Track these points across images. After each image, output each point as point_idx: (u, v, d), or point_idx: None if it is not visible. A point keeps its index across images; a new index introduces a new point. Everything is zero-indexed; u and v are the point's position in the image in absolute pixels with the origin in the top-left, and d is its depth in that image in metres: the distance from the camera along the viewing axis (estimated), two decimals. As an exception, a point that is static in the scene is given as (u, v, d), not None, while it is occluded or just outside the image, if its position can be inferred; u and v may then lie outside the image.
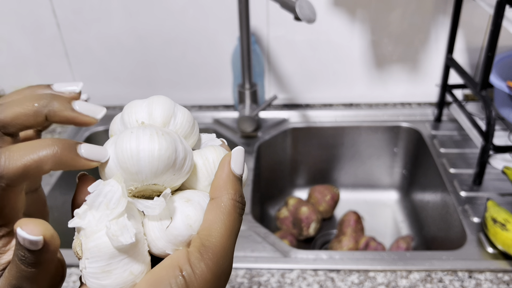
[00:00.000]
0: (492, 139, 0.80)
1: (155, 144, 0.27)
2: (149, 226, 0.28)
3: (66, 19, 1.05)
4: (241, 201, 0.29)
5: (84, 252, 0.27)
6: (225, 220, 0.27)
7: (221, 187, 0.28)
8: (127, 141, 0.27)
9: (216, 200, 0.28)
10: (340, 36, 1.04)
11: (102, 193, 0.26)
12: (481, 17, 0.99)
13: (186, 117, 0.31)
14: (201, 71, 1.10)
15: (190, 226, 0.28)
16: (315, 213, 0.99)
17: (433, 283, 0.68)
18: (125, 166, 0.27)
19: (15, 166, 0.25)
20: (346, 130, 1.08)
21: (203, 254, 0.27)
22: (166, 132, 0.28)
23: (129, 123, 0.30)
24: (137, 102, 0.31)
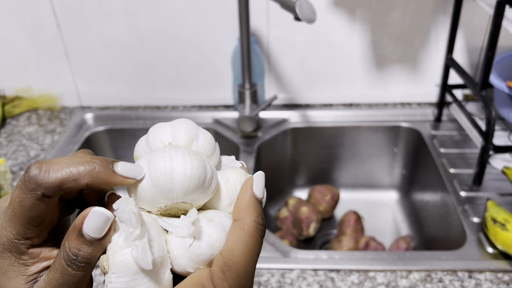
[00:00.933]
0: (492, 139, 0.80)
1: (187, 163, 0.28)
2: (172, 244, 0.29)
3: (66, 19, 1.05)
4: (263, 223, 0.29)
5: (111, 267, 0.28)
6: (248, 241, 0.28)
7: (244, 210, 0.29)
8: (161, 160, 0.28)
9: (239, 222, 0.29)
10: (340, 36, 1.04)
11: (126, 210, 0.27)
12: (481, 17, 0.99)
13: (208, 140, 0.32)
14: (201, 71, 1.10)
15: (212, 245, 0.28)
16: (315, 213, 0.99)
17: (433, 283, 0.68)
18: (158, 184, 0.28)
19: (53, 177, 0.26)
20: (346, 130, 1.08)
21: (226, 274, 0.27)
22: (195, 152, 0.29)
23: (154, 144, 0.31)
24: (162, 124, 0.33)
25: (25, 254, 0.28)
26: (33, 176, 0.26)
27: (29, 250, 0.28)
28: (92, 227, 0.26)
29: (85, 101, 1.17)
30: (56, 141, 1.04)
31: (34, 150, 1.02)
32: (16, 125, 1.11)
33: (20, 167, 0.97)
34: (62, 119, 1.13)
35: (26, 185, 0.26)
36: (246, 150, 1.00)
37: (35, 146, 1.03)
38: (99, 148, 1.11)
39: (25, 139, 1.06)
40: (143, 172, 0.28)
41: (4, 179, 0.90)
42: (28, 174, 0.26)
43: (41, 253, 0.28)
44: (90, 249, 0.26)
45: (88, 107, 1.17)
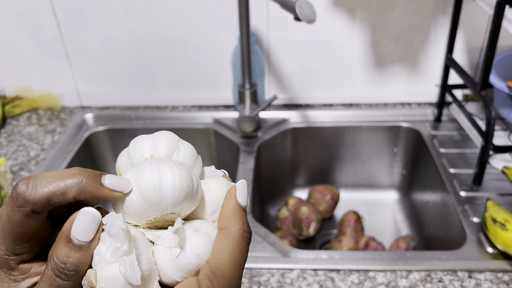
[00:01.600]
0: (492, 139, 0.81)
1: (176, 174, 0.28)
2: (159, 255, 0.29)
3: (66, 19, 1.05)
4: (248, 230, 0.30)
5: (99, 281, 0.28)
6: (234, 249, 0.29)
7: (229, 218, 0.29)
8: (149, 173, 0.28)
9: (225, 230, 0.29)
10: (340, 36, 1.04)
11: (115, 225, 0.27)
12: (481, 17, 0.99)
13: (189, 151, 0.32)
14: (201, 71, 1.10)
15: (199, 255, 0.29)
16: (315, 213, 0.99)
17: (433, 283, 0.69)
18: (148, 197, 0.28)
19: (41, 192, 0.26)
20: (346, 130, 1.08)
21: (213, 282, 0.27)
22: (181, 163, 0.30)
23: (135, 155, 0.32)
24: (143, 136, 0.33)
25: (15, 270, 0.28)
26: (21, 192, 0.26)
27: (19, 265, 0.28)
28: (81, 229, 0.26)
29: (85, 101, 1.17)
30: (56, 141, 1.04)
31: (34, 150, 1.02)
32: (16, 125, 1.11)
33: (20, 167, 0.97)
34: (62, 119, 1.13)
35: (14, 202, 0.26)
36: (246, 150, 1.00)
37: (35, 146, 1.03)
38: (99, 148, 1.11)
39: (25, 139, 1.06)
40: (131, 185, 0.28)
41: (4, 179, 0.90)
42: (16, 190, 0.26)
43: (31, 268, 0.29)
44: (79, 255, 0.26)
45: (88, 107, 1.17)
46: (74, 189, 0.27)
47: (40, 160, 0.98)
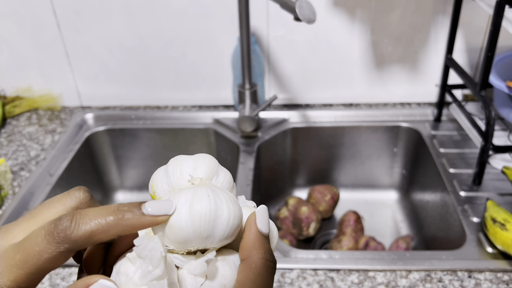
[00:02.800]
0: (491, 139, 0.81)
1: (231, 212, 0.27)
2: (183, 282, 0.27)
3: (66, 19, 1.05)
4: (272, 260, 0.28)
5: None
6: (257, 281, 0.27)
7: (250, 247, 0.28)
8: (206, 205, 0.27)
9: (246, 261, 0.28)
10: (340, 36, 1.04)
11: (147, 247, 0.25)
12: (480, 17, 0.99)
13: (227, 178, 0.31)
14: (201, 71, 1.11)
15: (224, 286, 0.27)
16: (315, 213, 0.99)
17: (432, 283, 0.69)
18: (199, 230, 0.27)
19: (83, 230, 0.25)
20: (346, 130, 1.08)
21: None
22: (235, 200, 0.29)
23: (173, 175, 0.31)
24: (183, 157, 0.32)
25: None
26: (64, 228, 0.25)
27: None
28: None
29: (85, 101, 1.17)
30: (57, 141, 1.04)
31: (34, 150, 1.02)
32: (17, 125, 1.11)
33: (20, 167, 0.97)
34: (63, 119, 1.13)
35: (54, 237, 0.25)
36: (246, 150, 1.00)
37: (35, 146, 1.03)
38: (99, 148, 1.11)
39: (26, 139, 1.06)
40: (174, 205, 0.27)
41: (5, 179, 0.90)
42: (58, 226, 0.25)
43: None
44: None
45: (88, 107, 1.17)
46: (117, 226, 0.26)
47: (40, 160, 0.98)
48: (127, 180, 1.17)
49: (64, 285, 0.70)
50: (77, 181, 1.01)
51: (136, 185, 1.17)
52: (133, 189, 1.17)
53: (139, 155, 1.13)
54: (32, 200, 0.88)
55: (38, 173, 0.94)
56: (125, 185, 1.17)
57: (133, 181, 1.17)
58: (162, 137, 1.10)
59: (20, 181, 0.93)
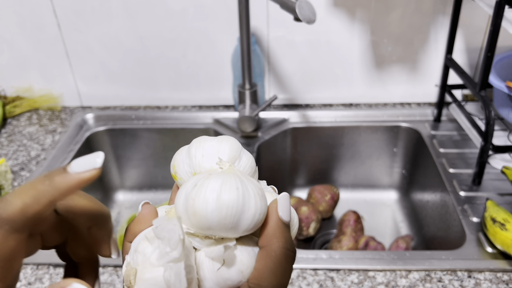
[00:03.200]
0: (491, 139, 0.81)
1: (257, 208, 0.27)
2: (201, 265, 0.27)
3: (66, 19, 1.05)
4: (292, 249, 0.28)
5: (137, 282, 0.26)
6: (275, 270, 0.27)
7: (271, 236, 0.28)
8: (235, 197, 0.26)
9: (266, 249, 0.27)
10: (340, 36, 1.04)
11: (166, 229, 0.25)
12: (480, 18, 0.99)
13: (250, 162, 0.31)
14: (201, 71, 1.11)
15: (242, 272, 0.27)
16: (315, 213, 0.99)
17: (432, 283, 0.69)
18: (224, 222, 0.26)
19: (14, 205, 0.24)
20: (346, 130, 1.08)
21: None
22: (263, 194, 0.28)
23: (195, 157, 0.30)
24: (206, 138, 0.31)
25: None
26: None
27: None
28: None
29: (86, 101, 1.17)
30: (57, 141, 1.04)
31: (34, 150, 1.02)
32: (17, 125, 1.11)
33: (20, 167, 0.97)
34: (63, 119, 1.13)
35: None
36: (246, 150, 1.00)
37: (35, 146, 1.03)
38: (99, 148, 1.11)
39: (26, 139, 1.06)
40: (99, 161, 0.26)
41: (5, 179, 0.90)
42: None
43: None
44: None
45: (89, 107, 1.17)
46: (47, 193, 0.25)
47: (40, 160, 0.99)
48: (127, 180, 1.17)
49: (65, 285, 0.70)
50: (77, 181, 1.01)
51: (136, 185, 1.17)
52: (133, 189, 1.17)
53: (139, 155, 1.13)
54: (33, 200, 0.88)
55: (39, 173, 0.94)
56: (125, 185, 1.17)
57: (133, 181, 1.17)
58: (162, 137, 1.10)
59: (21, 181, 0.93)
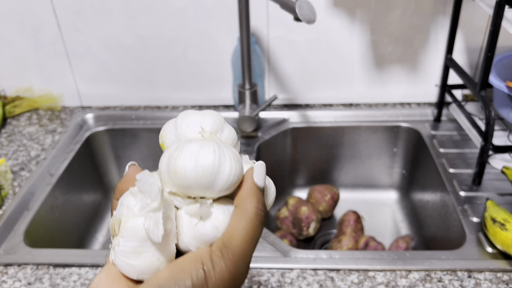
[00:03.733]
0: (491, 139, 0.81)
1: (232, 170, 0.30)
2: (180, 221, 0.31)
3: (66, 19, 1.05)
4: (263, 210, 0.31)
5: (121, 231, 0.29)
6: (247, 226, 0.30)
7: (244, 196, 0.31)
8: (211, 158, 0.30)
9: (239, 207, 0.31)
10: (340, 36, 1.04)
11: (148, 182, 0.29)
12: (480, 18, 0.99)
13: (231, 135, 0.34)
14: (201, 71, 1.11)
15: (217, 228, 0.30)
16: (315, 213, 0.99)
17: (432, 283, 0.69)
18: (201, 181, 0.30)
19: None
20: (346, 130, 1.08)
21: (224, 254, 0.29)
22: (238, 159, 0.31)
23: (181, 127, 0.33)
24: (192, 111, 0.34)
25: None
26: None
27: None
28: None
29: (86, 101, 1.17)
30: (57, 141, 1.04)
31: (34, 150, 1.02)
32: (17, 125, 1.11)
33: (20, 167, 0.97)
34: (63, 119, 1.13)
35: None
36: (246, 150, 1.00)
37: (35, 146, 1.03)
38: (99, 148, 1.11)
39: (26, 139, 1.06)
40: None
41: (5, 179, 0.90)
42: None
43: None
44: None
45: (89, 107, 1.17)
46: None
47: (40, 160, 0.99)
48: (127, 180, 1.16)
49: (65, 285, 0.70)
50: (77, 181, 1.01)
51: (136, 185, 1.17)
52: (133, 189, 1.17)
53: (139, 155, 1.13)
54: (32, 200, 0.88)
55: (39, 173, 0.94)
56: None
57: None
58: (162, 137, 1.10)
59: (21, 181, 0.93)
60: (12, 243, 0.79)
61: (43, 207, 0.88)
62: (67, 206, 0.96)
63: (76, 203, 1.00)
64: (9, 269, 0.74)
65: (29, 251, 0.77)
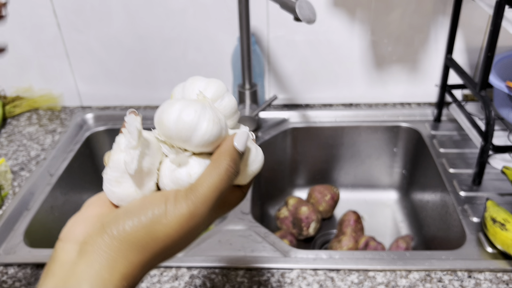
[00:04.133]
0: (491, 139, 0.81)
1: (208, 129, 0.34)
2: (163, 165, 0.36)
3: (66, 19, 1.05)
4: (234, 168, 0.35)
5: (109, 162, 0.35)
6: (215, 178, 0.34)
7: (220, 154, 0.35)
8: (192, 115, 0.34)
9: (213, 162, 0.35)
10: (340, 36, 1.04)
11: (133, 124, 0.33)
12: (480, 18, 0.99)
13: (231, 104, 0.39)
14: (201, 71, 1.11)
15: (190, 175, 0.35)
16: (315, 213, 0.99)
17: (432, 283, 0.69)
18: (180, 134, 0.34)
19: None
20: (346, 130, 1.08)
21: (188, 195, 0.34)
22: (219, 122, 0.35)
23: (187, 89, 0.39)
24: (200, 77, 0.39)
25: None
26: None
27: None
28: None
29: (86, 101, 1.17)
30: (57, 141, 1.04)
31: (34, 150, 1.02)
32: (17, 125, 1.11)
33: (20, 167, 0.97)
34: (63, 119, 1.13)
35: None
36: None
37: (35, 146, 1.03)
38: (99, 148, 1.11)
39: (26, 139, 1.06)
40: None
41: (5, 179, 0.90)
42: None
43: None
44: None
45: (89, 107, 1.17)
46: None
47: (40, 160, 0.98)
48: (127, 180, 1.17)
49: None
50: (77, 181, 1.01)
51: (136, 185, 1.17)
52: (133, 189, 1.17)
53: (139, 155, 1.13)
54: (32, 200, 0.88)
55: (39, 173, 0.94)
56: (125, 185, 1.17)
57: (133, 181, 1.17)
58: (162, 137, 1.10)
59: (20, 181, 0.93)
60: (12, 243, 0.79)
61: (43, 207, 0.88)
62: (67, 206, 0.96)
63: (76, 203, 1.00)
64: (9, 269, 0.74)
65: (29, 251, 0.77)
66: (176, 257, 0.74)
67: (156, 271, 0.72)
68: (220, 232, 0.80)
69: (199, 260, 0.73)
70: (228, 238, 0.78)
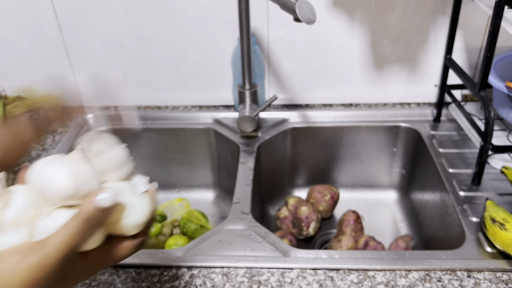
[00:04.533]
0: (490, 139, 0.81)
1: (63, 185, 0.38)
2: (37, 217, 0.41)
3: (67, 19, 1.05)
4: (88, 224, 0.38)
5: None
6: (64, 233, 0.37)
7: (79, 210, 0.38)
8: (47, 171, 0.39)
9: (71, 218, 0.38)
10: (339, 36, 1.04)
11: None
12: (480, 18, 1.00)
13: (116, 156, 0.43)
14: (202, 72, 1.11)
15: (54, 226, 0.38)
16: (314, 213, 0.99)
17: (432, 283, 0.69)
18: (39, 190, 0.39)
19: None
20: (346, 130, 1.08)
21: (37, 247, 0.37)
22: (79, 175, 0.39)
23: (80, 144, 0.43)
24: (91, 133, 0.45)
25: None
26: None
27: None
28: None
29: (86, 101, 1.17)
30: (57, 141, 1.05)
31: (34, 150, 1.02)
32: (17, 125, 1.11)
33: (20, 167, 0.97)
34: (63, 119, 1.13)
35: None
36: (246, 150, 1.01)
37: (36, 146, 1.03)
38: (99, 148, 1.11)
39: (26, 139, 1.06)
40: None
41: (5, 179, 0.90)
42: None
43: None
44: None
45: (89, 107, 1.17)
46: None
47: (41, 160, 0.99)
48: (127, 180, 1.17)
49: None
50: (77, 181, 1.01)
51: (136, 185, 1.17)
52: (133, 189, 1.17)
53: (139, 155, 1.13)
54: (33, 200, 0.88)
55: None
56: (126, 185, 1.17)
57: (133, 181, 1.17)
58: (162, 137, 1.10)
59: (21, 181, 0.93)
60: (13, 243, 0.79)
61: (44, 207, 0.88)
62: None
63: (76, 203, 1.00)
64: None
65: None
66: (176, 257, 0.74)
67: (156, 271, 0.72)
68: (220, 231, 0.80)
69: (199, 259, 0.73)
70: (228, 238, 0.78)
